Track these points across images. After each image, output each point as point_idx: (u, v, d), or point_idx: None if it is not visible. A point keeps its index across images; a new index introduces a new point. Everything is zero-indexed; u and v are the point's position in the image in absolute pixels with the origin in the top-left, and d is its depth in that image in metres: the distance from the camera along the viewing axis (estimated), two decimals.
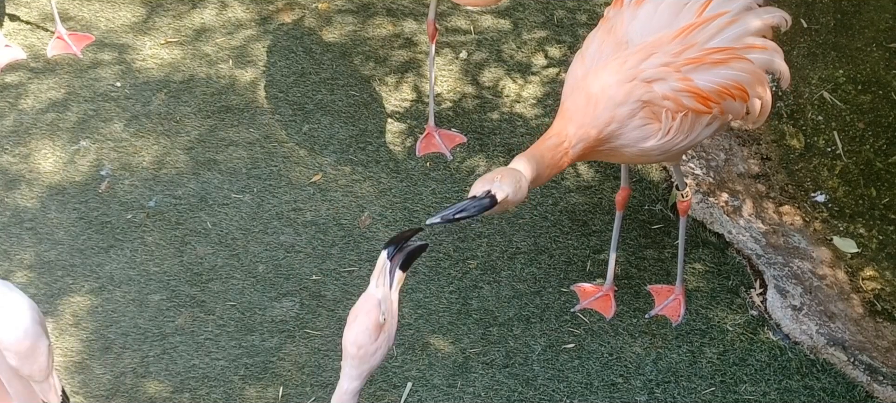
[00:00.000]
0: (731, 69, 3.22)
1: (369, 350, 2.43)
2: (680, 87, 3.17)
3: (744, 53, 3.24)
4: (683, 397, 3.71)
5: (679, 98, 3.18)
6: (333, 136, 4.59)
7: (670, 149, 3.29)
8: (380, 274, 2.45)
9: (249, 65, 4.91)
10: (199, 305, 4.01)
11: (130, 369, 3.82)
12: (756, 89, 3.31)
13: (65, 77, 4.86)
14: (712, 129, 3.34)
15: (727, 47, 3.21)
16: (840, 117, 4.67)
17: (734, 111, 3.32)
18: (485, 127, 4.63)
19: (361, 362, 2.44)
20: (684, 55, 3.18)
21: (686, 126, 3.24)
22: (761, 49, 3.29)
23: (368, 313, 2.41)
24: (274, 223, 4.27)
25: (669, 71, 3.17)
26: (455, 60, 4.92)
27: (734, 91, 3.23)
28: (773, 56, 3.32)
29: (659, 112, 3.19)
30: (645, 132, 3.23)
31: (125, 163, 4.50)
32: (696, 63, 3.18)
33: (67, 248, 4.19)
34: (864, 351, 3.79)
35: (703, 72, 3.19)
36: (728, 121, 3.40)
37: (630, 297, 4.02)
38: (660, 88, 3.17)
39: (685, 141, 3.29)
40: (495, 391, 3.74)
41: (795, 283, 3.99)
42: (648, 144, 3.25)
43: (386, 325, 2.44)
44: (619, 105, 3.17)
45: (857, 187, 4.41)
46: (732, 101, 3.26)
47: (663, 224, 4.25)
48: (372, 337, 2.42)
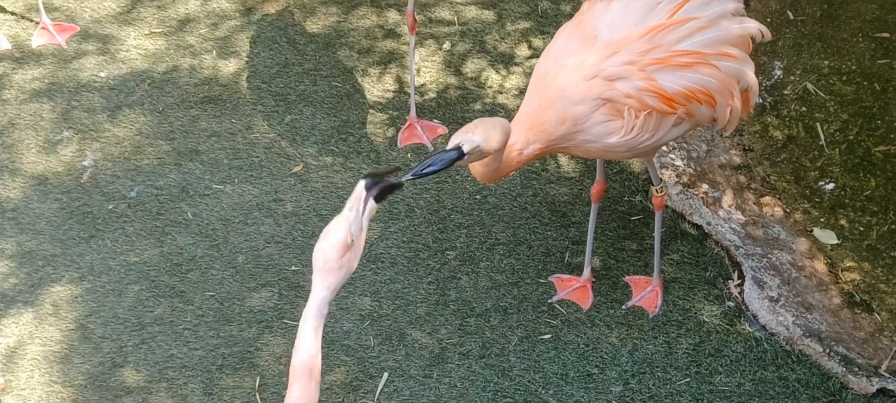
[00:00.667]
0: (697, 73, 3.23)
1: (334, 265, 2.51)
2: (643, 87, 3.19)
3: (713, 60, 3.24)
4: (658, 388, 3.73)
5: (642, 97, 3.20)
6: (315, 127, 4.62)
7: (636, 147, 3.31)
8: (355, 201, 2.56)
9: (233, 55, 4.93)
10: (179, 295, 4.04)
11: (109, 359, 3.85)
12: (724, 96, 3.31)
13: (49, 68, 4.89)
14: (680, 130, 3.36)
15: (695, 51, 3.22)
16: (824, 108, 4.69)
17: (701, 115, 3.33)
18: (467, 118, 4.64)
19: (327, 275, 2.52)
20: (650, 55, 3.20)
21: (650, 125, 3.26)
22: (732, 58, 3.29)
23: (339, 231, 2.51)
24: (254, 213, 4.30)
25: (633, 70, 3.19)
26: (438, 51, 4.94)
27: (700, 95, 3.25)
28: (743, 66, 3.32)
29: (621, 109, 3.21)
30: (608, 128, 3.25)
31: (107, 154, 4.53)
32: (662, 64, 3.20)
33: (48, 238, 4.22)
34: (840, 342, 3.81)
35: (669, 73, 3.21)
36: (697, 124, 3.41)
37: (608, 288, 4.04)
38: (622, 86, 3.19)
39: (651, 140, 3.30)
40: (471, 381, 3.76)
41: (773, 274, 4.00)
42: (612, 140, 3.27)
43: (354, 246, 2.54)
44: (575, 104, 3.20)
45: (840, 178, 4.42)
46: (699, 105, 3.27)
47: (643, 215, 4.27)
48: (339, 254, 2.51)
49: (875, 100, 4.71)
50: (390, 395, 3.73)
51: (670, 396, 3.71)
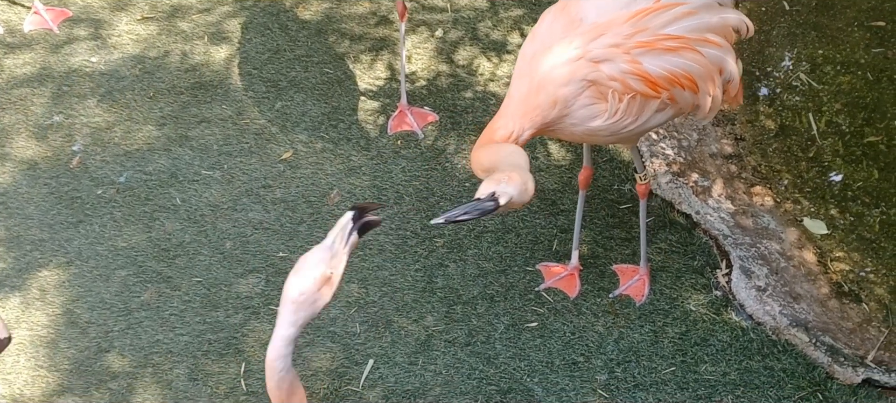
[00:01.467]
0: (682, 58, 3.23)
1: (310, 298, 2.49)
2: (628, 69, 3.19)
3: (697, 46, 3.25)
4: (643, 376, 3.74)
5: (626, 80, 3.20)
6: (306, 114, 4.63)
7: (619, 131, 3.31)
8: (340, 232, 2.53)
9: (224, 41, 4.94)
10: (166, 281, 4.05)
11: (95, 343, 3.87)
12: (706, 84, 3.32)
13: (40, 52, 4.90)
14: (664, 117, 3.36)
15: (680, 36, 3.22)
16: (817, 98, 4.68)
17: (684, 101, 3.33)
18: (458, 105, 4.66)
19: (299, 308, 2.49)
20: (635, 38, 3.20)
21: (634, 109, 3.26)
22: (715, 45, 3.29)
23: (319, 263, 2.49)
24: (243, 200, 4.31)
25: (618, 52, 3.19)
26: (430, 38, 4.94)
27: (684, 80, 3.25)
28: (725, 55, 3.32)
29: (606, 92, 3.22)
30: (592, 112, 3.25)
31: (97, 139, 4.54)
32: (647, 47, 3.20)
33: (36, 223, 4.24)
34: (827, 332, 3.81)
35: (654, 57, 3.21)
36: (680, 112, 3.41)
37: (595, 277, 4.04)
38: (607, 69, 3.19)
39: (634, 124, 3.31)
40: (457, 369, 3.77)
41: (762, 264, 4.00)
42: (595, 124, 3.27)
43: (331, 279, 2.51)
44: (563, 86, 3.20)
45: (832, 168, 4.42)
46: (682, 91, 3.28)
47: (631, 203, 4.27)
48: (316, 286, 2.49)
49: (869, 90, 4.70)
50: (375, 382, 3.74)
51: (655, 385, 3.72)
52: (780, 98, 4.69)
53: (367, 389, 3.72)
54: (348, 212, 2.55)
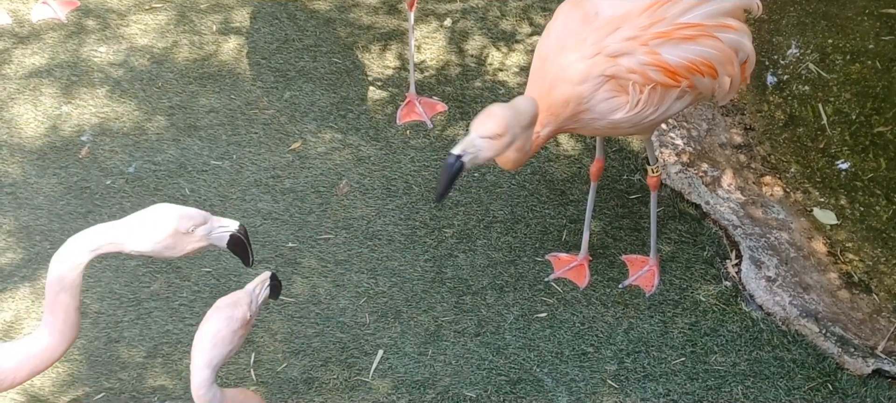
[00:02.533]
0: (700, 46, 3.23)
1: (224, 338, 2.58)
2: (647, 61, 3.19)
3: (714, 31, 3.25)
4: (653, 367, 3.74)
5: (646, 71, 3.20)
6: (314, 104, 4.63)
7: (640, 122, 3.31)
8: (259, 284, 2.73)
9: (233, 31, 4.94)
10: (175, 271, 4.06)
11: (105, 334, 3.88)
12: (725, 67, 3.32)
13: (49, 43, 4.91)
14: (683, 104, 3.36)
15: (697, 24, 3.22)
16: (827, 87, 4.67)
17: (704, 87, 3.33)
18: (467, 95, 4.65)
19: (213, 348, 2.57)
20: (653, 29, 3.20)
21: (655, 99, 3.27)
22: (731, 29, 3.30)
23: (237, 306, 2.62)
24: (252, 190, 4.32)
25: (636, 45, 3.19)
26: (440, 28, 4.94)
27: (703, 67, 3.25)
28: (742, 37, 3.33)
29: (626, 85, 3.22)
30: (613, 104, 3.25)
31: (106, 129, 4.55)
32: (665, 38, 3.20)
33: (46, 213, 4.25)
34: (837, 323, 3.81)
35: (672, 46, 3.21)
36: (699, 97, 3.41)
37: (605, 267, 4.04)
38: (626, 62, 3.19)
39: (655, 113, 3.31)
40: (466, 359, 3.78)
41: (771, 254, 4.00)
42: (617, 116, 3.28)
43: (250, 323, 2.64)
44: (579, 84, 3.20)
45: (841, 158, 4.42)
46: (701, 77, 3.28)
47: (641, 194, 4.27)
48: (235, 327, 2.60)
49: (879, 79, 4.69)
50: (385, 372, 3.75)
51: (665, 375, 3.72)
52: (789, 87, 4.69)
53: (377, 379, 3.73)
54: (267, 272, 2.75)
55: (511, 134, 3.05)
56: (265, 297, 2.69)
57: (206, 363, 2.56)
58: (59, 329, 2.69)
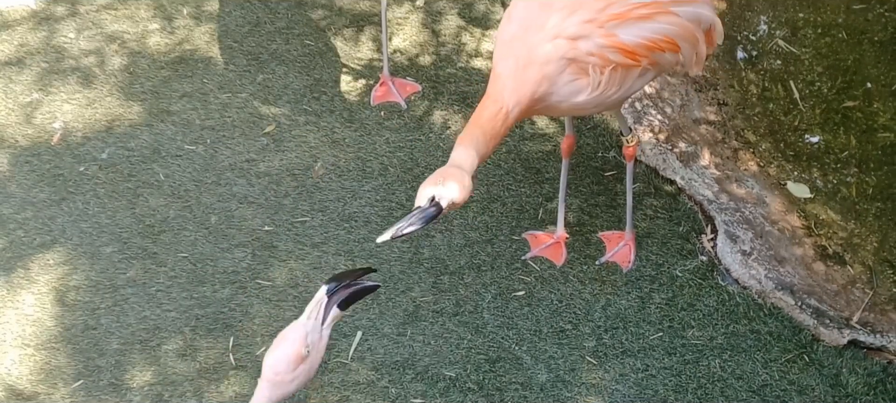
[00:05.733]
0: (658, 23, 3.23)
1: (285, 379, 2.50)
2: (604, 43, 3.18)
3: (671, 7, 3.25)
4: (631, 342, 3.75)
5: (604, 54, 3.19)
6: (288, 86, 4.60)
7: (604, 102, 3.31)
8: (314, 307, 2.51)
9: (205, 15, 4.90)
10: (151, 257, 4.03)
11: (82, 321, 3.85)
12: (688, 41, 3.32)
13: (18, 30, 4.85)
14: (646, 80, 3.37)
15: (653, 2, 3.22)
16: (798, 62, 4.69)
17: (666, 62, 3.34)
18: (440, 75, 4.64)
19: (275, 387, 2.50)
20: (608, 11, 3.19)
21: (616, 79, 3.26)
22: (688, 2, 3.29)
23: (293, 342, 2.48)
24: (227, 174, 4.29)
25: (593, 27, 3.18)
26: (413, 10, 4.92)
27: (663, 44, 3.25)
28: (699, 7, 3.33)
29: (586, 67, 3.21)
30: (575, 87, 3.24)
31: (78, 116, 4.51)
32: (621, 19, 3.19)
33: (19, 201, 4.21)
34: (812, 295, 3.83)
35: (629, 27, 3.20)
36: (663, 71, 3.42)
37: (581, 244, 4.05)
38: (584, 45, 3.18)
39: (618, 93, 3.31)
40: (445, 339, 3.78)
41: (746, 228, 4.02)
42: (580, 99, 3.27)
43: (309, 359, 2.50)
44: (546, 64, 3.19)
45: (812, 133, 4.43)
46: (662, 54, 3.28)
47: (616, 170, 4.27)
48: (290, 367, 2.49)
49: (849, 52, 4.71)
50: (364, 354, 3.74)
51: (643, 350, 3.73)
52: (761, 62, 4.70)
53: (357, 361, 3.72)
54: (323, 286, 2.51)
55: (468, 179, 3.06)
56: (336, 316, 2.53)
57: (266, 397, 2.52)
58: None
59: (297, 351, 2.48)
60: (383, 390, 3.64)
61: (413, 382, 3.66)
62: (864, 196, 4.20)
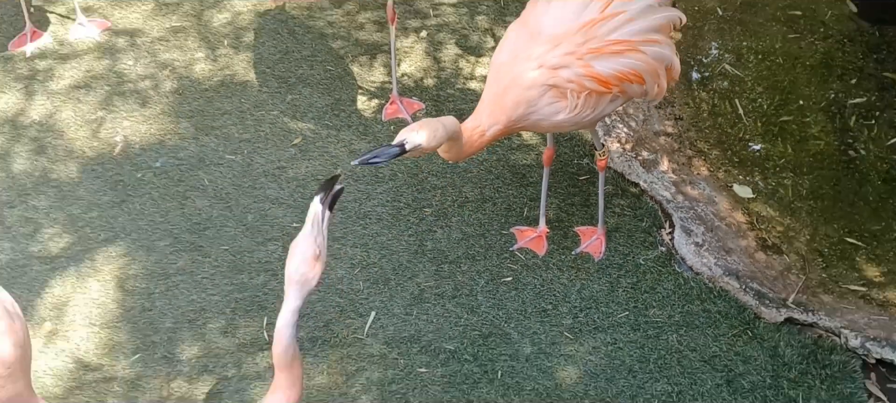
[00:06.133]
0: (628, 58, 3.23)
1: (309, 276, 2.54)
2: (582, 73, 3.18)
3: (641, 46, 3.24)
4: (602, 320, 3.73)
5: (581, 81, 3.19)
6: (312, 105, 4.58)
7: (580, 121, 3.31)
8: (313, 219, 2.54)
9: (242, 45, 4.88)
10: (198, 249, 4.01)
11: (139, 304, 3.83)
12: (651, 75, 3.31)
13: (86, 58, 4.83)
14: (616, 105, 3.36)
15: (625, 40, 3.21)
16: (742, 83, 4.68)
17: (633, 91, 3.33)
18: (441, 96, 4.62)
19: (303, 285, 2.54)
20: (587, 46, 3.19)
21: (591, 103, 3.26)
22: (657, 43, 3.29)
23: (308, 247, 2.53)
24: (261, 179, 4.27)
25: (573, 59, 3.18)
26: (418, 40, 4.90)
27: (631, 76, 3.25)
28: (665, 49, 3.33)
29: (565, 92, 3.20)
30: (555, 108, 3.25)
31: (136, 130, 4.48)
32: (597, 53, 3.19)
33: (86, 203, 4.19)
34: (754, 280, 3.82)
35: (603, 60, 3.20)
36: (630, 98, 3.41)
37: (560, 237, 4.03)
38: (565, 74, 3.18)
39: (592, 114, 3.30)
40: (445, 318, 3.76)
41: (699, 224, 4.00)
42: (559, 118, 3.27)
43: (321, 256, 2.54)
44: (527, 89, 3.20)
45: (755, 143, 4.42)
46: (630, 84, 3.27)
47: (589, 175, 4.25)
48: (310, 266, 2.53)
49: (786, 74, 4.71)
50: (377, 331, 3.72)
51: (612, 327, 3.72)
52: (711, 83, 4.69)
53: (371, 337, 3.70)
54: (316, 197, 2.55)
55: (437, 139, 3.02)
56: (328, 218, 2.56)
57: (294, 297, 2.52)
58: None
59: (313, 252, 2.53)
60: (393, 361, 3.63)
61: (418, 354, 3.64)
62: (798, 196, 4.19)
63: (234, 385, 3.57)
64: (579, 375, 3.58)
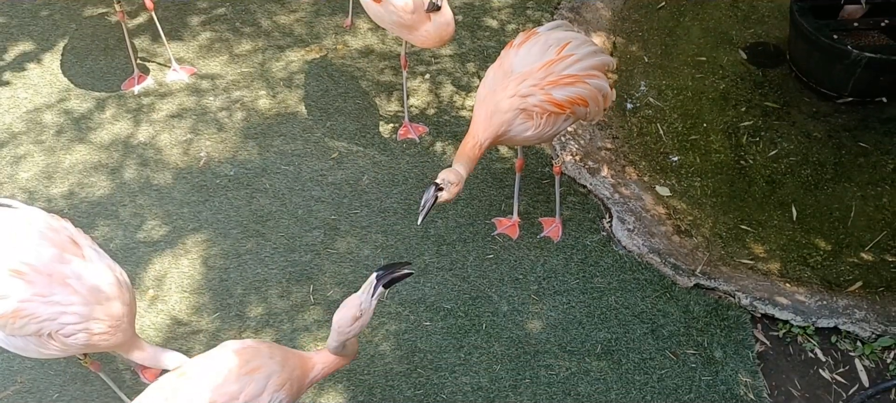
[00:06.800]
0: (577, 88, 3.24)
1: (346, 330, 2.51)
2: (544, 99, 3.18)
3: (585, 79, 3.25)
4: (559, 286, 3.74)
5: (544, 106, 3.20)
6: (346, 129, 4.58)
7: (543, 135, 3.31)
8: (367, 286, 2.49)
9: (293, 85, 4.88)
10: (261, 236, 4.02)
11: (218, 276, 3.84)
12: (594, 101, 3.33)
13: (178, 96, 4.83)
14: (568, 123, 3.37)
15: (574, 75, 3.22)
16: (662, 112, 4.68)
17: (581, 113, 3.34)
18: (441, 121, 4.62)
19: (340, 335, 2.52)
20: (547, 79, 3.20)
21: (551, 122, 3.27)
22: (596, 77, 3.30)
23: (351, 308, 2.49)
24: (307, 184, 4.28)
25: (537, 89, 3.19)
26: (423, 81, 4.90)
27: (579, 101, 3.25)
28: (602, 82, 3.33)
29: (532, 114, 3.21)
30: (525, 127, 3.25)
31: (215, 148, 4.49)
32: (555, 84, 3.20)
33: (179, 202, 4.20)
34: (671, 256, 3.83)
35: (559, 89, 3.21)
36: (579, 119, 3.41)
37: (528, 225, 4.04)
38: (531, 100, 3.19)
39: (552, 130, 3.31)
40: (444, 285, 3.77)
41: (630, 215, 4.01)
42: (528, 134, 3.28)
43: (361, 318, 2.50)
44: (505, 113, 3.20)
45: (672, 155, 4.43)
46: (579, 107, 3.28)
47: (549, 179, 4.26)
48: (349, 322, 2.50)
49: (694, 104, 4.71)
50: (394, 294, 3.73)
51: (567, 291, 3.73)
52: (639, 112, 4.69)
53: (389, 299, 3.72)
54: (374, 273, 2.49)
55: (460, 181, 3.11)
56: (381, 293, 2.48)
57: (335, 339, 2.53)
58: None
59: (354, 313, 2.49)
60: (406, 317, 3.64)
61: (424, 312, 3.65)
62: (704, 194, 4.20)
63: (288, 336, 3.58)
64: (543, 326, 3.60)
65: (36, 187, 4.27)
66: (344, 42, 5.10)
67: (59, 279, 2.60)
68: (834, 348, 3.51)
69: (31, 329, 2.61)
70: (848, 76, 4.46)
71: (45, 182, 4.29)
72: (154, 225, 4.08)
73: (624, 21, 5.21)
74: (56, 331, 2.64)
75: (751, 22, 5.17)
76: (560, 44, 3.25)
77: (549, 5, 5.30)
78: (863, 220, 4.03)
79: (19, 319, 2.59)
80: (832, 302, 3.60)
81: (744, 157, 4.37)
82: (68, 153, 4.45)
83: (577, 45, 3.26)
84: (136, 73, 4.89)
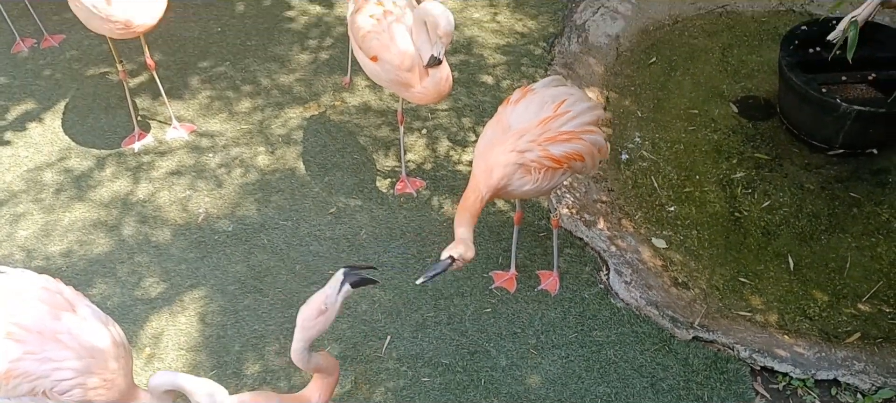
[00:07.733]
0: (573, 143, 3.27)
1: (309, 325, 2.44)
2: (542, 154, 3.22)
3: (581, 135, 3.29)
4: (558, 340, 3.72)
5: (541, 161, 3.23)
6: (344, 184, 4.60)
7: (541, 189, 3.33)
8: (333, 282, 2.45)
9: (292, 141, 4.92)
10: (259, 291, 4.01)
11: (215, 333, 3.82)
12: (590, 156, 3.36)
13: (178, 153, 4.86)
14: (566, 177, 3.39)
15: (571, 131, 3.26)
16: (657, 164, 4.72)
17: (577, 167, 3.37)
18: (437, 176, 4.65)
19: (304, 330, 2.45)
20: (544, 135, 3.23)
21: (548, 176, 3.29)
22: (592, 132, 3.34)
23: (317, 302, 2.44)
24: (306, 239, 4.28)
25: (535, 145, 3.22)
26: (420, 136, 4.94)
27: (576, 156, 3.29)
28: (598, 137, 3.38)
29: (530, 169, 3.24)
30: (523, 181, 3.27)
31: (214, 204, 4.50)
32: (552, 140, 3.24)
33: (177, 258, 4.19)
34: (669, 309, 3.81)
35: (556, 145, 3.24)
36: (576, 173, 3.44)
37: (525, 278, 4.03)
38: (529, 155, 3.22)
39: (549, 184, 3.33)
40: (442, 340, 3.74)
41: (628, 267, 4.01)
42: (527, 188, 3.30)
43: (326, 314, 2.44)
44: (504, 167, 3.23)
45: (667, 207, 4.45)
46: (576, 162, 3.31)
47: (546, 232, 4.27)
48: (313, 316, 2.44)
49: (688, 157, 4.74)
50: (392, 350, 3.71)
51: (565, 345, 3.70)
52: (635, 164, 4.73)
53: (387, 355, 3.69)
54: (341, 269, 2.45)
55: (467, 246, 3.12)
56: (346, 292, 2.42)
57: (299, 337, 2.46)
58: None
59: (318, 307, 2.43)
60: (404, 372, 3.61)
61: (422, 367, 3.62)
62: (701, 245, 4.21)
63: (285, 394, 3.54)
64: (542, 381, 3.56)
65: (34, 246, 4.26)
66: (342, 99, 5.16)
67: (50, 335, 2.57)
68: (834, 400, 3.47)
69: (24, 388, 2.58)
70: (838, 128, 4.52)
71: (44, 240, 4.29)
72: (152, 282, 4.06)
73: (616, 76, 5.28)
74: (50, 389, 2.60)
75: (740, 76, 5.25)
76: (557, 100, 3.29)
77: (542, 62, 5.38)
78: (859, 271, 4.03)
79: (12, 379, 2.56)
80: (831, 354, 3.57)
81: (738, 209, 4.39)
82: (67, 211, 4.45)
83: (573, 101, 3.30)
84: (137, 131, 4.92)
